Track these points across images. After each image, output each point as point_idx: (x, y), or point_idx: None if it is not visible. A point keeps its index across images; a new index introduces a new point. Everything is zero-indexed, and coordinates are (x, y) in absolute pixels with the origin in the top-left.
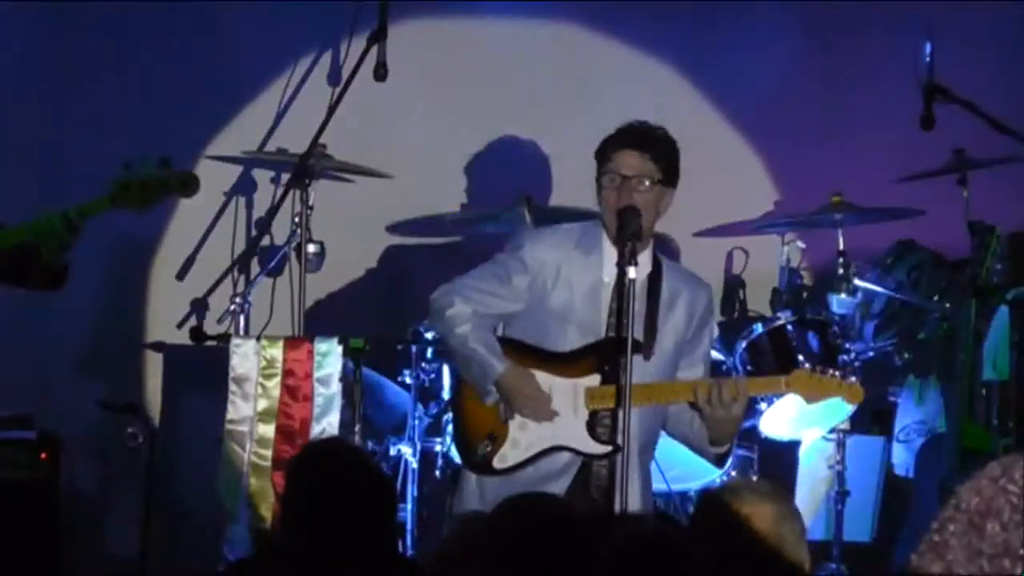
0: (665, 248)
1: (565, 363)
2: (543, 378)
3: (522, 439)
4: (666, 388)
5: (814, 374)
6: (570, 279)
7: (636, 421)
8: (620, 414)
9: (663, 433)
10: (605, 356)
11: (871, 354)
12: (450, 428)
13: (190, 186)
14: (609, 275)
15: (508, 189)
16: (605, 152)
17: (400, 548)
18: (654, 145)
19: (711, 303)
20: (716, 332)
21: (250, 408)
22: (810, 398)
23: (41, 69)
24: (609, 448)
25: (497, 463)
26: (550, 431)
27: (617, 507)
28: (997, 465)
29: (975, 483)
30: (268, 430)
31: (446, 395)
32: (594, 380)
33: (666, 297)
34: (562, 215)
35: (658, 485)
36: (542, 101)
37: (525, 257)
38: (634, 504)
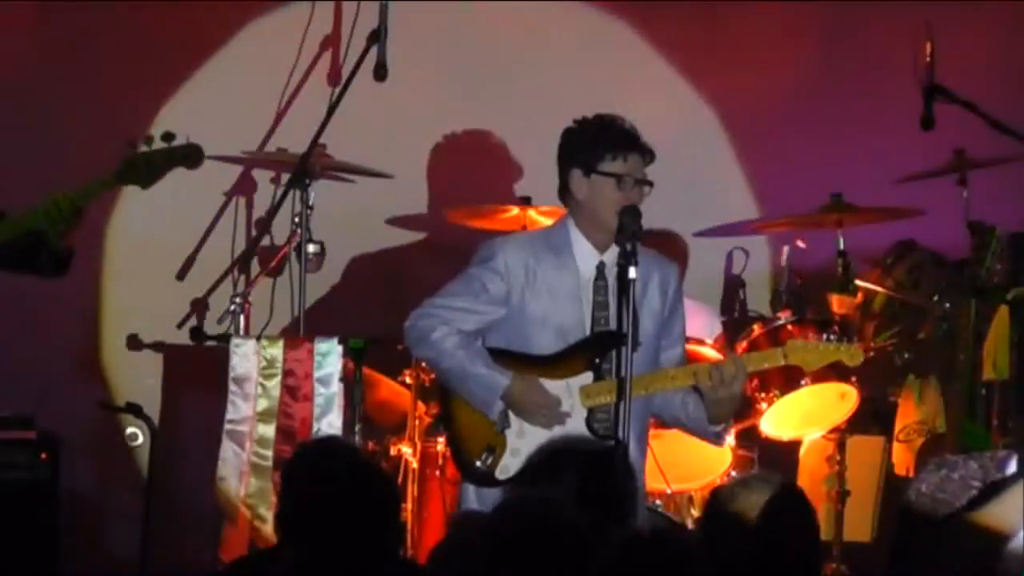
0: (668, 248)
1: (553, 365)
2: None
3: (523, 447)
4: (664, 376)
5: (810, 341)
6: (547, 281)
7: (632, 413)
8: (620, 407)
9: (664, 433)
10: (594, 352)
11: (871, 354)
12: None
13: (193, 157)
14: (586, 272)
15: (508, 189)
16: (615, 151)
17: (400, 548)
18: (648, 150)
19: (679, 281)
20: (719, 331)
21: (250, 408)
22: (809, 365)
23: (41, 68)
24: (611, 443)
25: (500, 474)
26: (550, 435)
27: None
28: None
29: None
30: (268, 430)
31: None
32: (586, 378)
33: (640, 282)
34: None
35: (658, 485)
36: (543, 101)
37: (498, 266)
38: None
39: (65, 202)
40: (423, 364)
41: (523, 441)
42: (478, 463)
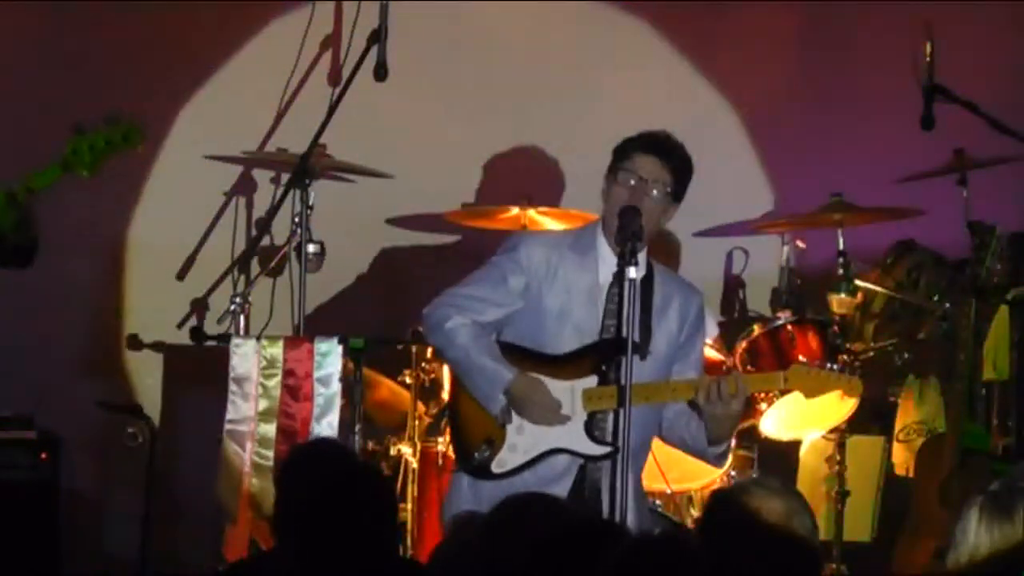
0: (665, 248)
1: (561, 365)
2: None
3: (520, 443)
4: (665, 387)
5: (812, 368)
6: (566, 280)
7: (632, 422)
8: (619, 413)
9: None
10: (601, 357)
11: (871, 354)
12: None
13: (133, 139)
14: (605, 277)
15: (508, 189)
16: (625, 152)
17: (400, 548)
18: (674, 157)
19: (702, 310)
20: (716, 332)
21: (250, 408)
22: (809, 393)
23: (41, 68)
24: (608, 449)
25: (495, 467)
26: (548, 434)
27: (612, 508)
28: None
29: None
30: (269, 430)
31: (446, 395)
32: (591, 381)
33: (659, 302)
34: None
35: (658, 485)
36: (543, 101)
37: (520, 258)
38: (628, 505)
39: (3, 197)
40: (424, 362)
41: (522, 437)
42: (476, 454)
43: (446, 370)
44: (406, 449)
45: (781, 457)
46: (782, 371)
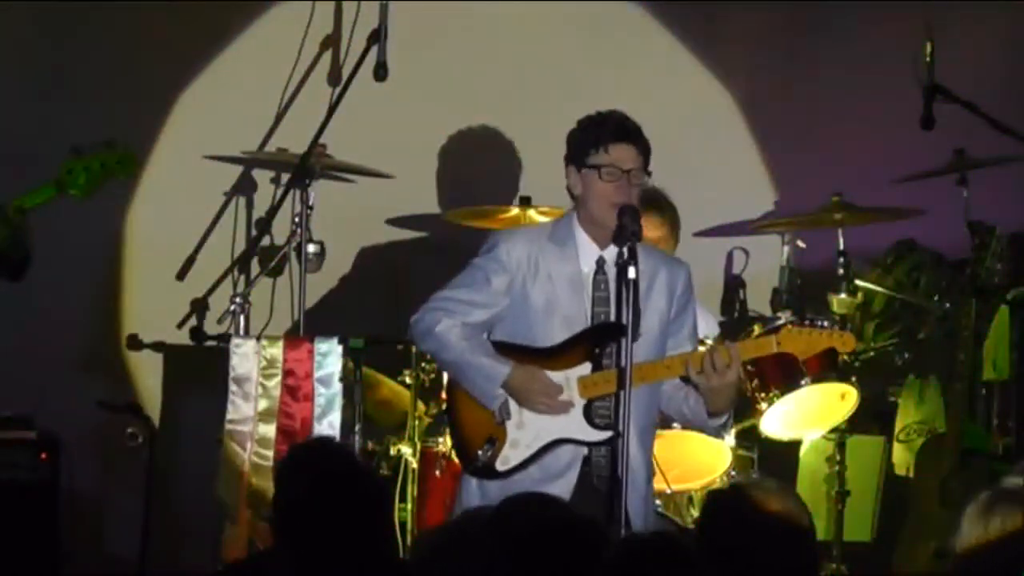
0: (665, 248)
1: (553, 356)
2: None
3: (522, 438)
4: (659, 366)
5: (804, 328)
6: (549, 272)
7: (632, 404)
8: (618, 398)
9: (665, 433)
10: (593, 344)
11: (871, 354)
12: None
13: (127, 165)
14: (588, 266)
15: (508, 189)
16: (597, 142)
17: (400, 549)
18: (642, 138)
19: (689, 281)
20: (716, 332)
21: (250, 408)
22: (803, 353)
23: (40, 69)
24: (610, 434)
25: (500, 466)
26: (549, 426)
27: (614, 493)
28: None
29: None
30: (269, 430)
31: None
32: (585, 369)
33: (644, 280)
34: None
35: (658, 485)
36: (543, 99)
37: (501, 256)
38: (639, 487)
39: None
40: (424, 362)
41: (522, 432)
42: (479, 454)
43: None
44: (406, 449)
45: (781, 457)
46: (774, 335)
